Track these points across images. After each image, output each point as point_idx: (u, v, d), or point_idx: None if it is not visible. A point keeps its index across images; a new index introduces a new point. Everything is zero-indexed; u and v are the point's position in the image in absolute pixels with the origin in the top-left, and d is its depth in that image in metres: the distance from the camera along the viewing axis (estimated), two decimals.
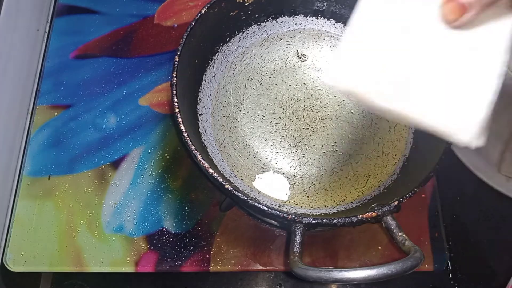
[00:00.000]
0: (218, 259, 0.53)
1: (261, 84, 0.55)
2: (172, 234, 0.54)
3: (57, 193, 0.56)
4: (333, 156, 0.52)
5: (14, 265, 0.52)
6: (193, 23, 0.47)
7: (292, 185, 0.50)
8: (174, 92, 0.44)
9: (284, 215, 0.40)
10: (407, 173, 0.49)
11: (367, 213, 0.40)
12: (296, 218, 0.40)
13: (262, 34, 0.56)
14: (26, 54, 0.63)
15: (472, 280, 0.57)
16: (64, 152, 0.58)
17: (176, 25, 0.66)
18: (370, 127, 0.53)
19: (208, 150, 0.49)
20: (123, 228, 0.54)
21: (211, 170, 0.42)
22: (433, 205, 0.56)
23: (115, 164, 0.57)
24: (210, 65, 0.53)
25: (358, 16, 0.33)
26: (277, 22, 0.56)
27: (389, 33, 0.32)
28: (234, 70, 0.54)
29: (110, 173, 0.57)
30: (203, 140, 0.50)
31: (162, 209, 0.55)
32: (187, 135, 0.42)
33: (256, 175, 0.51)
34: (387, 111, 0.32)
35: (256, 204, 0.40)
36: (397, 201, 0.41)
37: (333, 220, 0.40)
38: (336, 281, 0.36)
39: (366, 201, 0.49)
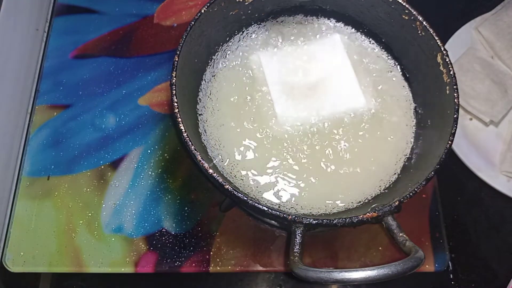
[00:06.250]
0: (218, 260, 0.53)
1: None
2: (172, 235, 0.54)
3: (56, 193, 0.56)
4: (334, 155, 0.52)
5: (13, 266, 0.52)
6: (193, 23, 0.47)
7: (292, 184, 0.50)
8: (174, 92, 0.44)
9: (284, 215, 0.40)
10: (408, 173, 0.49)
11: (368, 214, 0.40)
12: (296, 218, 0.40)
13: (262, 34, 0.55)
14: (25, 54, 0.63)
15: (473, 280, 0.57)
16: (63, 152, 0.58)
17: (175, 24, 0.66)
18: (371, 127, 0.52)
19: (208, 150, 0.49)
20: (122, 228, 0.54)
21: (211, 170, 0.41)
22: (434, 205, 0.56)
23: (115, 164, 0.57)
24: (210, 65, 0.53)
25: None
26: (277, 21, 0.55)
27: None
28: (234, 70, 0.54)
29: (109, 173, 0.57)
30: (203, 140, 0.49)
31: (161, 210, 0.55)
32: (187, 135, 0.42)
33: (256, 175, 0.51)
34: None
35: (256, 204, 0.40)
36: (397, 201, 0.41)
37: (333, 220, 0.40)
38: (336, 281, 0.36)
39: (366, 201, 0.48)
